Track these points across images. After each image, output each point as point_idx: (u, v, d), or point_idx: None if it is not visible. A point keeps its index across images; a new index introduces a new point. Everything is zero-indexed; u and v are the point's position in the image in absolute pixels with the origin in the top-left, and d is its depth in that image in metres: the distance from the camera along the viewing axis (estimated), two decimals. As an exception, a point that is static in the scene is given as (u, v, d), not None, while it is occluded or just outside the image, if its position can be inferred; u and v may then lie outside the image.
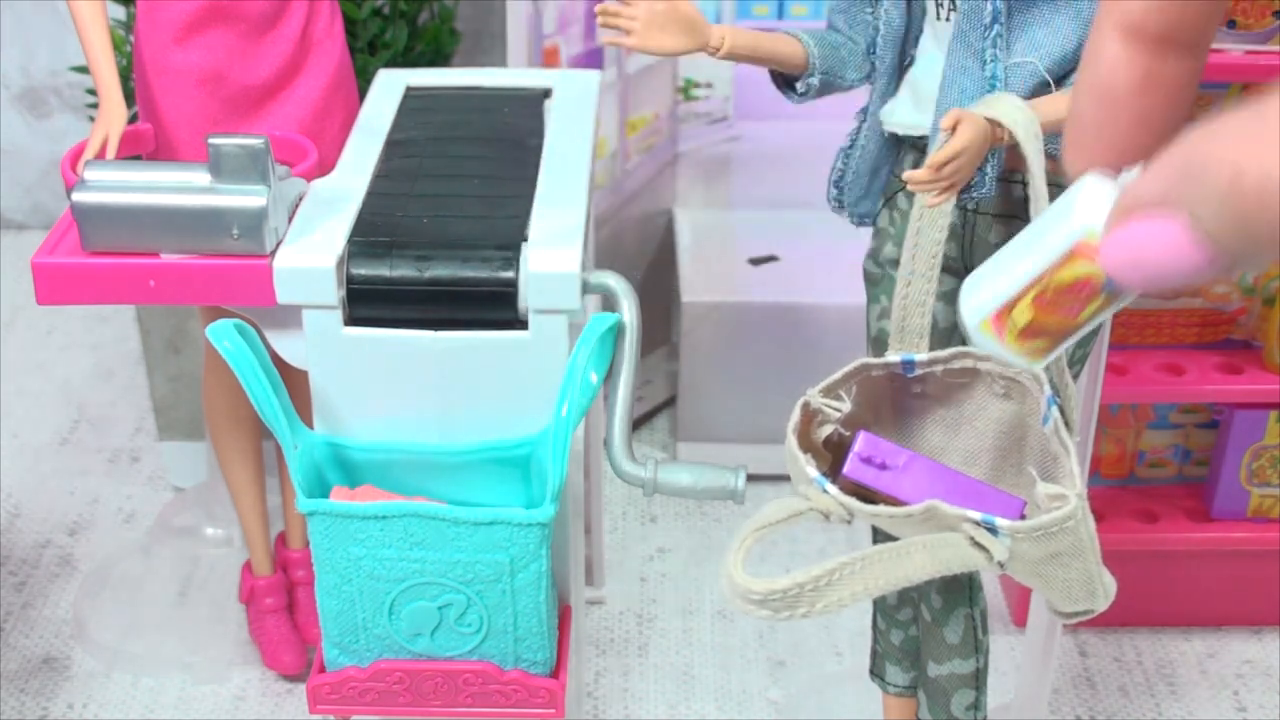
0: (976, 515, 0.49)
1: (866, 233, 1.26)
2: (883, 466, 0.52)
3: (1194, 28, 0.32)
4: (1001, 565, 0.49)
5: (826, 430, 0.56)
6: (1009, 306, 0.40)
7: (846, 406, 0.56)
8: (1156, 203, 0.29)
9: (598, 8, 1.11)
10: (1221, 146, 0.27)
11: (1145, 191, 0.29)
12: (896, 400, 0.59)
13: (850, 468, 0.53)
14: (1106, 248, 0.31)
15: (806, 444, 0.56)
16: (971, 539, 0.48)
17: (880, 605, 1.36)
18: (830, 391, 0.57)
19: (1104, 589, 0.56)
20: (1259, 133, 0.26)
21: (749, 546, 0.49)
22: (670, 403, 2.06)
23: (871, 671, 1.39)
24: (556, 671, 1.00)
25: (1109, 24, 0.33)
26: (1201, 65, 0.33)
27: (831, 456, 0.57)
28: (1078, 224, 0.36)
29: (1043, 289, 0.38)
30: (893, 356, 0.58)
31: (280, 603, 1.62)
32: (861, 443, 0.53)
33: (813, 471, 0.52)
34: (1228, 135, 0.26)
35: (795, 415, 0.55)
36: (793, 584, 0.46)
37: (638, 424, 2.03)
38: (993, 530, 0.49)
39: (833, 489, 0.51)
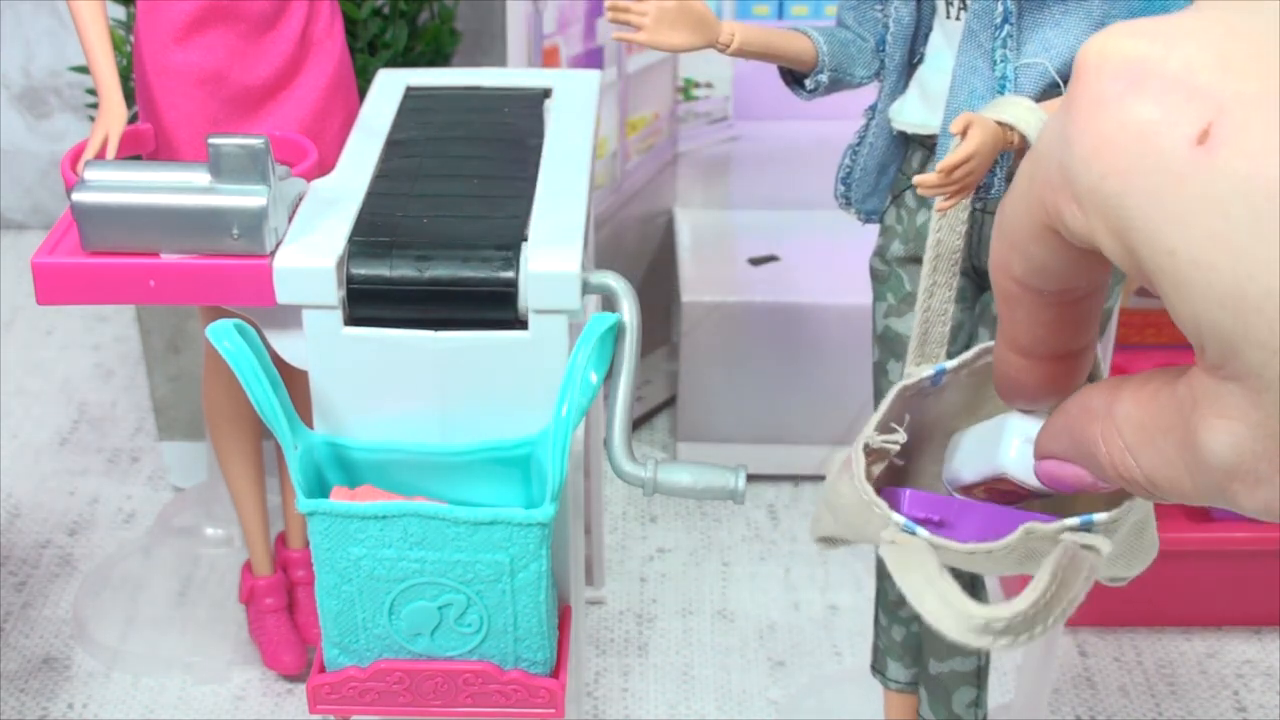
0: (1074, 521, 0.50)
1: (868, 232, 1.26)
2: (940, 523, 0.52)
3: (1084, 337, 0.37)
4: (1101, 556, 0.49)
5: (880, 466, 0.56)
6: (968, 489, 0.50)
7: (903, 437, 0.56)
8: (1058, 455, 0.36)
9: (607, 3, 1.11)
10: (1092, 424, 0.33)
11: (1046, 446, 0.37)
12: (910, 409, 0.58)
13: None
14: (1037, 469, 0.38)
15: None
16: (1079, 544, 0.49)
17: (882, 601, 1.36)
18: (884, 426, 0.56)
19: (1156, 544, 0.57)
20: (1131, 437, 0.32)
21: (953, 584, 0.49)
22: (670, 403, 2.06)
23: (873, 667, 1.39)
24: (556, 671, 1.00)
25: (1004, 343, 0.37)
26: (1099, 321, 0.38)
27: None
28: (999, 466, 0.46)
29: (988, 485, 0.49)
30: (925, 370, 0.58)
31: (280, 603, 1.62)
32: (911, 502, 0.53)
33: (898, 518, 0.52)
34: (1102, 420, 0.33)
35: (860, 460, 0.55)
36: (1030, 604, 0.47)
37: (638, 424, 2.03)
38: (1090, 528, 0.49)
39: (923, 532, 0.51)
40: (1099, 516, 0.48)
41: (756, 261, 1.92)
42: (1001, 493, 0.50)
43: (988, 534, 0.50)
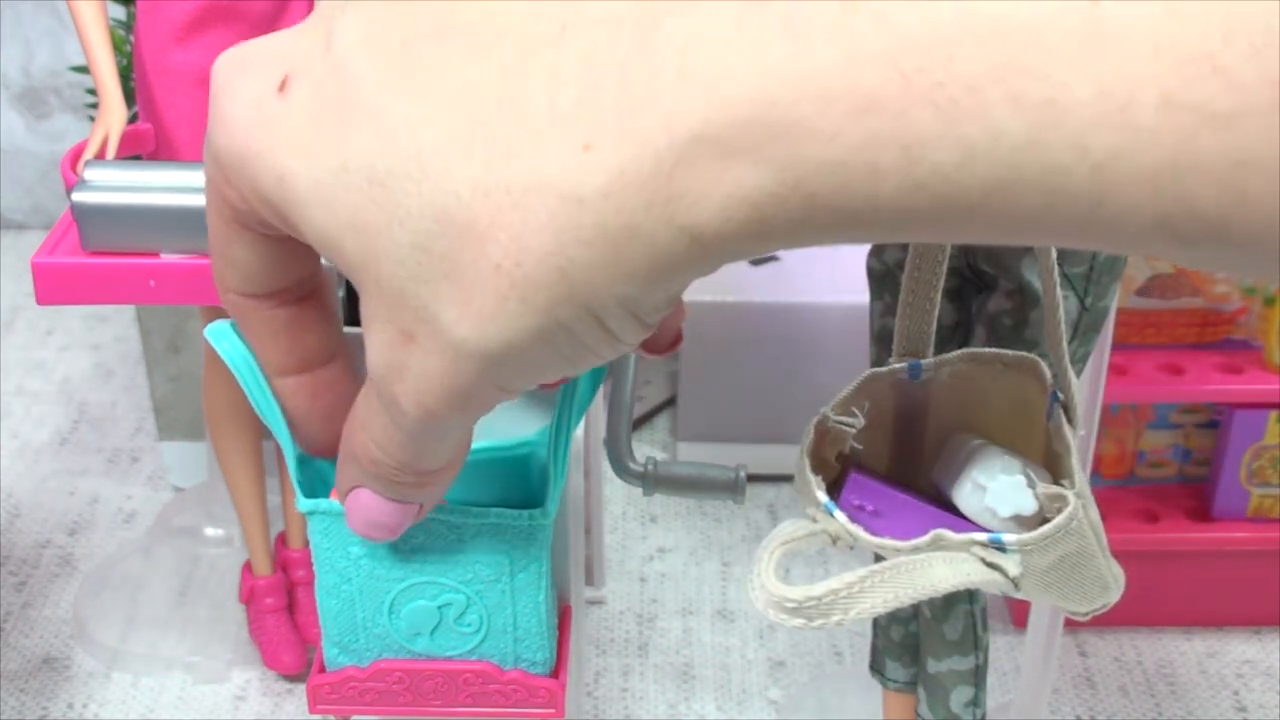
0: (983, 536, 0.49)
1: (866, 232, 1.26)
2: (875, 513, 0.52)
3: (327, 342, 0.41)
4: (1016, 584, 0.49)
5: (839, 446, 0.56)
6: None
7: (860, 422, 0.56)
8: (350, 485, 0.38)
9: None
10: (349, 433, 0.36)
11: (341, 479, 0.39)
12: (900, 404, 0.59)
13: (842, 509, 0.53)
14: (347, 518, 0.39)
15: (817, 460, 0.56)
16: (983, 560, 0.48)
17: (880, 605, 1.36)
18: (843, 408, 0.56)
19: (1115, 579, 0.56)
20: (358, 417, 0.35)
21: (778, 558, 0.49)
22: (670, 403, 2.06)
23: (871, 667, 1.39)
24: (556, 671, 1.00)
25: (266, 371, 0.41)
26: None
27: (841, 467, 0.57)
28: (952, 497, 0.47)
29: None
30: (899, 363, 0.58)
31: (280, 603, 1.62)
32: (851, 488, 0.53)
33: (822, 496, 0.52)
34: (352, 421, 0.36)
35: (809, 435, 0.55)
36: (827, 591, 0.46)
37: (638, 424, 2.03)
38: (1001, 548, 0.49)
39: (840, 515, 0.51)
40: (1008, 537, 0.48)
41: (756, 261, 1.92)
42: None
43: (914, 533, 0.50)
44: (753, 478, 1.99)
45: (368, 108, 0.28)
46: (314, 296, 0.38)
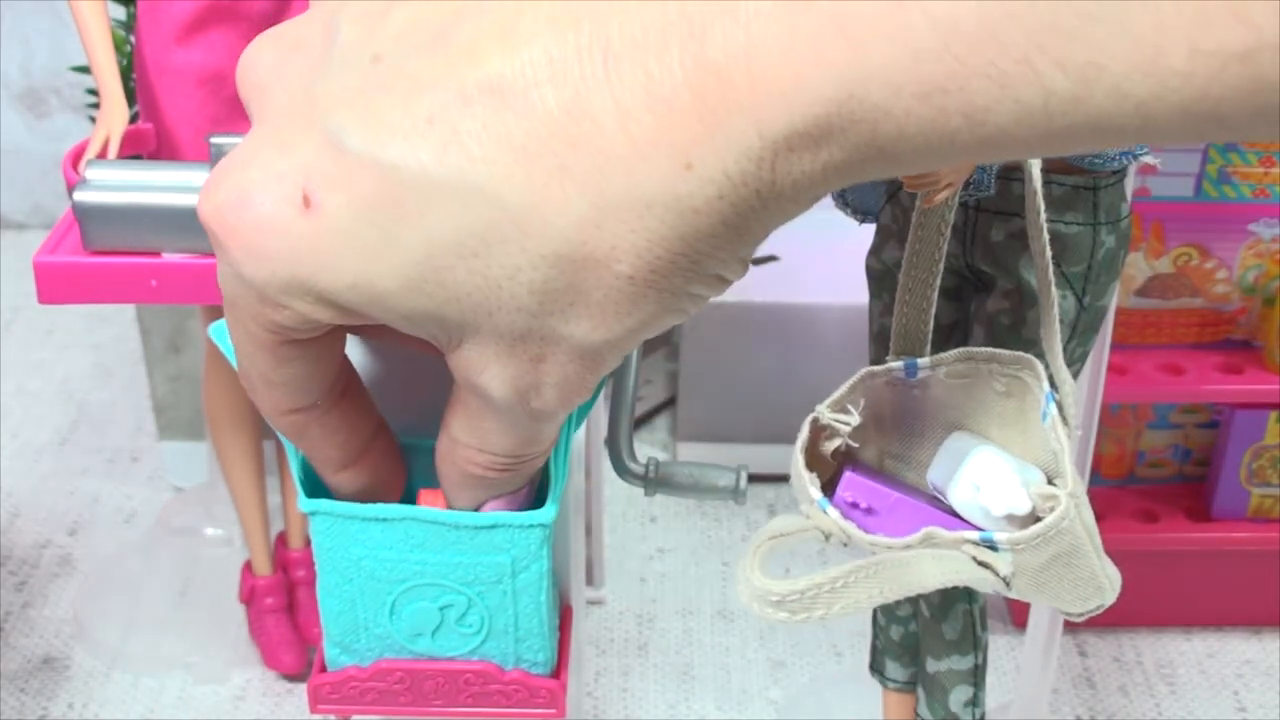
0: (974, 535, 0.49)
1: (868, 232, 1.26)
2: (869, 511, 0.52)
3: (370, 420, 0.43)
4: (1008, 583, 0.49)
5: (835, 444, 0.56)
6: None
7: (855, 420, 0.56)
8: (476, 505, 0.46)
9: None
10: (455, 464, 0.42)
11: (455, 502, 0.44)
12: (897, 403, 0.59)
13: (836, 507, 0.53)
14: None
15: (813, 458, 0.56)
16: (974, 558, 0.49)
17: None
18: (839, 405, 0.57)
19: (1109, 580, 0.56)
20: (463, 444, 0.41)
21: (764, 552, 0.49)
22: (670, 403, 2.06)
23: (871, 667, 1.40)
24: (557, 672, 1.00)
25: (326, 474, 0.43)
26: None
27: (837, 465, 0.57)
28: (949, 498, 0.50)
29: None
30: (895, 362, 0.58)
31: (280, 603, 1.62)
32: (845, 485, 0.53)
33: (815, 492, 0.52)
34: (455, 451, 0.41)
35: (804, 432, 0.55)
36: (811, 585, 0.47)
37: (638, 424, 2.03)
38: (992, 547, 0.49)
39: (833, 512, 0.51)
40: (1000, 536, 0.48)
41: (756, 261, 1.92)
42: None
43: (908, 531, 0.50)
44: (753, 478, 1.98)
45: (426, 190, 0.28)
46: (345, 397, 0.39)
